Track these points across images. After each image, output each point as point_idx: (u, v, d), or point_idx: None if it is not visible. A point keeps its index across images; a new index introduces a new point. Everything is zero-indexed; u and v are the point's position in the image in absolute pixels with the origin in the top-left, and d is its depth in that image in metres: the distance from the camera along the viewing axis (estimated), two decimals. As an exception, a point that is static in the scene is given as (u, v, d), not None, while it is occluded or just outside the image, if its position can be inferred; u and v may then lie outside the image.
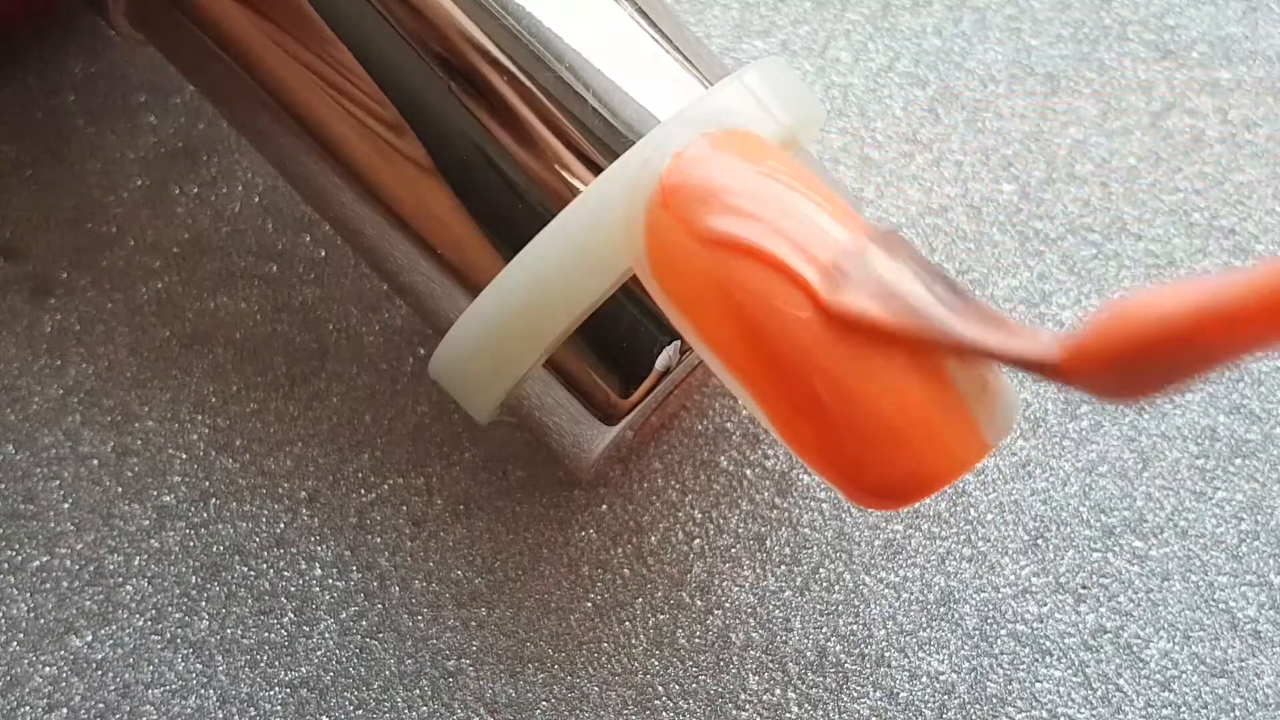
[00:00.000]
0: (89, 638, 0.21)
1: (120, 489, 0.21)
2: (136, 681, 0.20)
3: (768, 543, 0.21)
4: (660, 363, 0.18)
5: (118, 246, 0.22)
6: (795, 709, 0.20)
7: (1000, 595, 0.21)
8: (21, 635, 0.21)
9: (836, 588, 0.21)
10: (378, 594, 0.21)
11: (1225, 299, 0.13)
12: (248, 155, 0.22)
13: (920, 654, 0.21)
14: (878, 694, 0.20)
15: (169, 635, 0.21)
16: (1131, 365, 0.14)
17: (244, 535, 0.21)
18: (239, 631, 0.21)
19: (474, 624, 0.21)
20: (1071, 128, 0.23)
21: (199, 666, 0.21)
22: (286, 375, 0.22)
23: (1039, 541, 0.21)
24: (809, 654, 0.21)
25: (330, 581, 0.21)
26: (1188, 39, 0.23)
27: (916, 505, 0.21)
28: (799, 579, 0.21)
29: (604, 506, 0.21)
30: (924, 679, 0.21)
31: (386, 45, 0.18)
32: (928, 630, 0.21)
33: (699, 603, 0.21)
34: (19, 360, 0.22)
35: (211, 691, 0.20)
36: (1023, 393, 0.22)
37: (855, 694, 0.20)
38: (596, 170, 0.17)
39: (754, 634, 0.21)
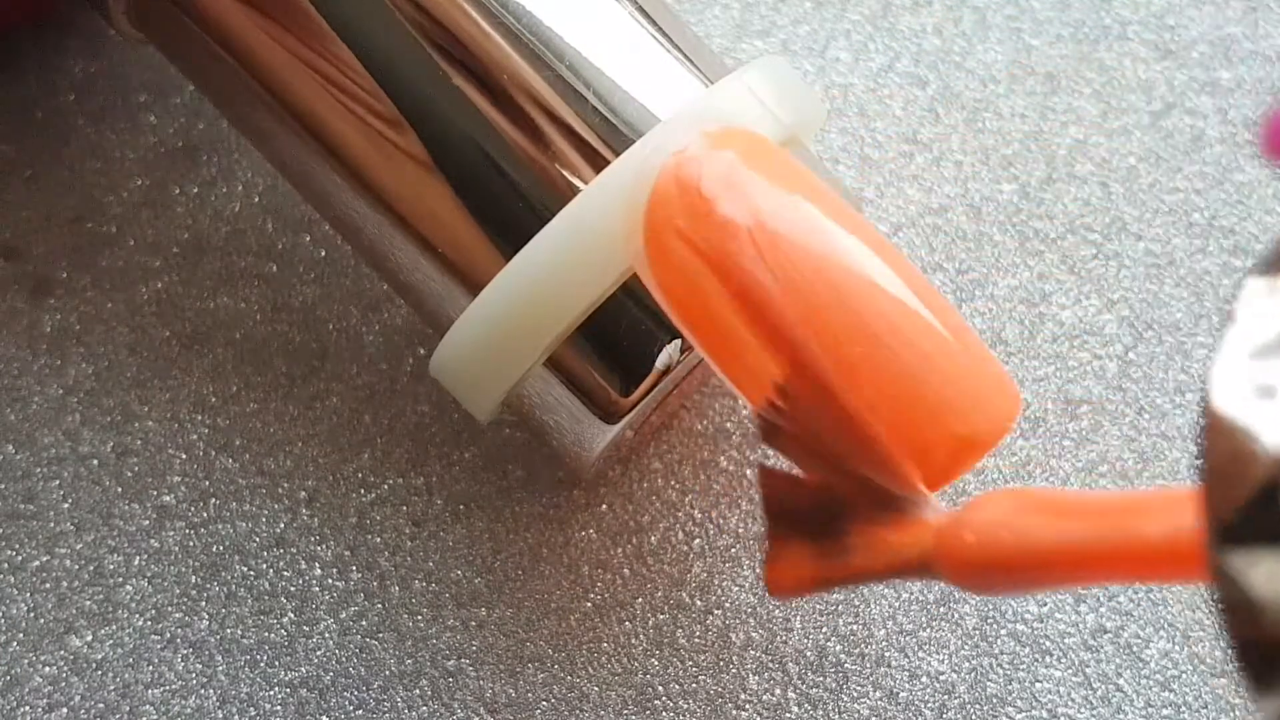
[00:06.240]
0: (89, 638, 0.21)
1: (120, 489, 0.21)
2: (136, 681, 0.20)
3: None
4: (661, 361, 0.18)
5: (118, 246, 0.22)
6: (795, 709, 0.20)
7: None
8: (21, 635, 0.21)
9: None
10: (378, 594, 0.21)
11: (1081, 541, 0.14)
12: (248, 155, 0.22)
13: (920, 654, 0.21)
14: (878, 694, 0.20)
15: (169, 635, 0.21)
16: (995, 579, 0.14)
17: (244, 535, 0.21)
18: (239, 631, 0.21)
19: (474, 624, 0.21)
20: (1071, 128, 0.23)
21: (199, 666, 0.20)
22: (286, 375, 0.22)
23: (1039, 541, 0.21)
24: (809, 654, 0.21)
25: (330, 581, 0.21)
26: (1188, 39, 0.23)
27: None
28: (799, 579, 0.21)
29: (604, 506, 0.21)
30: (924, 679, 0.20)
31: (387, 44, 0.18)
32: (928, 630, 0.21)
33: (699, 603, 0.21)
34: (19, 360, 0.22)
35: (211, 691, 0.20)
36: (1023, 392, 0.22)
37: (855, 694, 0.20)
38: (597, 169, 0.17)
39: (754, 634, 0.21)
